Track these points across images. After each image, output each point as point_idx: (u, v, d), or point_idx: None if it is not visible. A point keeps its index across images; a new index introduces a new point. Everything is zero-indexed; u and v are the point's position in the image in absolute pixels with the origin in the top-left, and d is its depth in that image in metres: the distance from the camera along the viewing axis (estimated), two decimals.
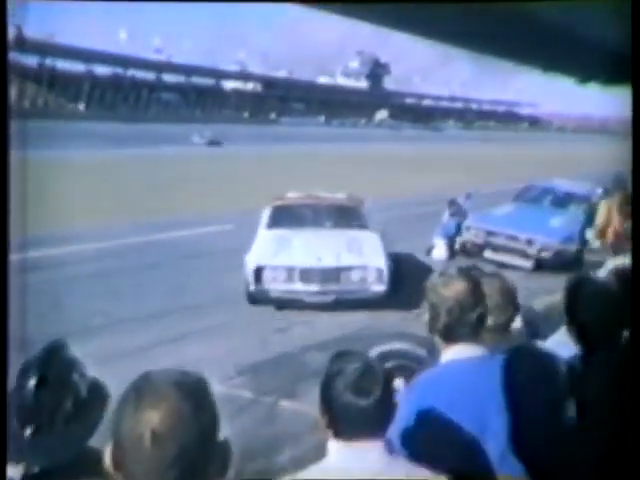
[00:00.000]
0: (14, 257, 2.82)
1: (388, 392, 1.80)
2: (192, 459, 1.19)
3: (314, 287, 7.95)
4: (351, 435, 1.78)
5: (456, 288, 2.16)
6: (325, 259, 8.00)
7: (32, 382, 1.59)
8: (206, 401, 1.24)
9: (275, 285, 7.97)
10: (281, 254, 8.15)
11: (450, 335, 2.16)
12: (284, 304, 7.99)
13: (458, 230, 11.30)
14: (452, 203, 11.86)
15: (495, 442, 2.03)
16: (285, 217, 9.36)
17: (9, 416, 1.59)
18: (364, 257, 8.09)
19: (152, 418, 1.18)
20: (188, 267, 9.63)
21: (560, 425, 2.07)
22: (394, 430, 1.98)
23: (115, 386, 1.29)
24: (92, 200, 14.88)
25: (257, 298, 8.00)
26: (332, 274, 7.95)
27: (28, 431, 1.58)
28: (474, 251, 10.90)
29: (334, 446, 1.80)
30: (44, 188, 15.29)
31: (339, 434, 1.79)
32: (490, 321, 2.34)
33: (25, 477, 1.57)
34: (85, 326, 5.47)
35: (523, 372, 2.17)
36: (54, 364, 1.65)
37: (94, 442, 1.66)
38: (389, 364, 4.73)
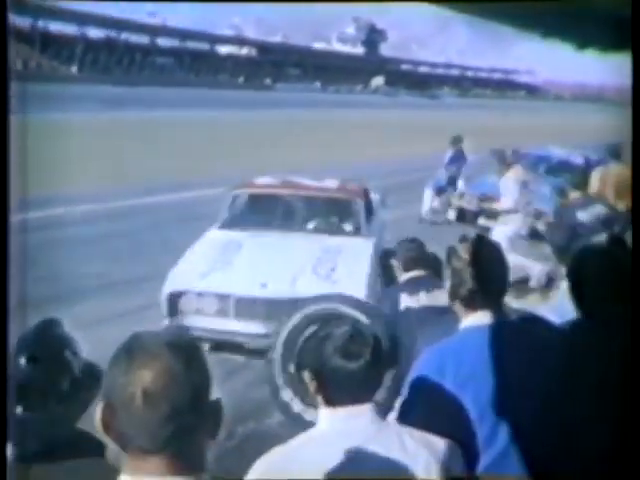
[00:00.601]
0: (15, 218, 2.81)
1: (378, 355, 1.77)
2: (184, 418, 1.18)
3: (254, 327, 5.44)
4: (340, 400, 1.76)
5: (478, 252, 2.11)
6: (272, 285, 5.40)
7: (23, 360, 1.57)
8: (198, 361, 1.24)
9: (200, 320, 5.52)
10: (214, 274, 5.65)
11: (473, 301, 2.10)
12: (218, 346, 5.59)
13: (452, 183, 11.27)
14: (456, 140, 11.82)
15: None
16: (248, 212, 7.06)
17: (9, 393, 1.57)
18: (335, 284, 5.36)
19: (144, 377, 1.18)
20: (186, 229, 9.59)
21: (555, 398, 2.05)
22: (405, 393, 1.98)
23: (108, 348, 1.28)
24: (88, 162, 14.80)
25: None
26: (282, 308, 5.14)
27: (19, 409, 1.56)
28: (469, 218, 10.91)
29: (323, 412, 1.78)
30: (41, 150, 15.20)
31: (328, 399, 1.77)
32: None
33: (18, 457, 1.56)
34: (81, 287, 5.44)
35: (521, 342, 2.11)
36: (46, 342, 1.63)
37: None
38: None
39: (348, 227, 6.93)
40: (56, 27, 67.06)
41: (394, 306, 3.70)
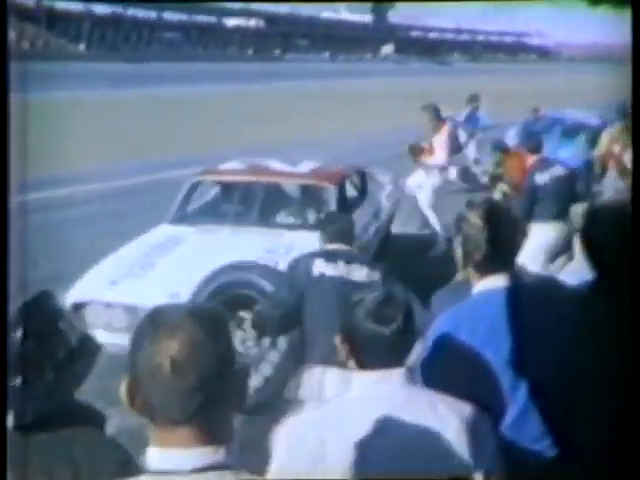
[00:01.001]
0: (15, 199, 2.77)
1: (410, 320, 1.79)
2: (211, 388, 1.18)
3: None
4: (372, 364, 1.76)
5: (490, 217, 2.09)
6: (186, 295, 4.71)
7: (18, 332, 1.57)
8: (222, 329, 1.25)
9: (110, 337, 4.63)
10: (126, 281, 4.98)
11: (487, 266, 2.09)
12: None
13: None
14: (472, 99, 11.70)
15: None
16: (204, 203, 6.53)
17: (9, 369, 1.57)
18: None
19: (170, 347, 1.17)
20: None
21: (572, 357, 2.01)
22: (421, 360, 1.98)
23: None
24: (96, 140, 14.76)
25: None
26: None
27: (17, 380, 1.56)
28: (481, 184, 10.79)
29: (356, 376, 1.79)
30: (46, 129, 15.14)
31: (360, 363, 1.78)
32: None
33: (17, 426, 1.56)
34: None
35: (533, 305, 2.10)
36: (41, 313, 1.62)
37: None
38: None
39: (310, 218, 6.21)
40: (62, 5, 66.68)
41: (308, 272, 3.71)
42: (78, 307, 4.83)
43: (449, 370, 1.96)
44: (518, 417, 1.96)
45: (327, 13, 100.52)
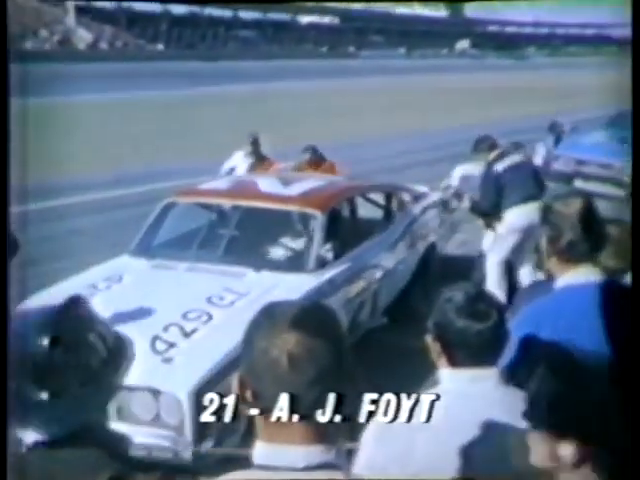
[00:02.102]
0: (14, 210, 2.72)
1: (503, 317, 1.75)
2: (328, 382, 1.16)
3: None
4: (466, 362, 1.74)
5: (576, 205, 2.08)
6: None
7: (46, 341, 1.45)
8: (336, 325, 1.25)
9: None
10: None
11: (571, 255, 2.06)
12: None
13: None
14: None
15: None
16: (172, 231, 5.66)
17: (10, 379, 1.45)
18: (166, 364, 3.84)
19: (287, 341, 1.16)
20: None
21: None
22: (505, 359, 1.91)
23: None
24: (174, 139, 15.01)
25: None
26: None
27: (44, 395, 1.45)
28: (563, 180, 10.48)
29: (447, 374, 1.77)
30: (125, 128, 15.48)
31: (453, 361, 1.75)
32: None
33: (38, 443, 1.45)
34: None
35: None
36: (70, 322, 1.51)
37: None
38: None
39: (294, 254, 5.27)
40: (140, 5, 68.21)
41: None
42: None
43: (531, 369, 1.90)
44: None
45: (402, 8, 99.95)
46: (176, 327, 4.06)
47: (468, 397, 1.71)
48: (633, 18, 2.43)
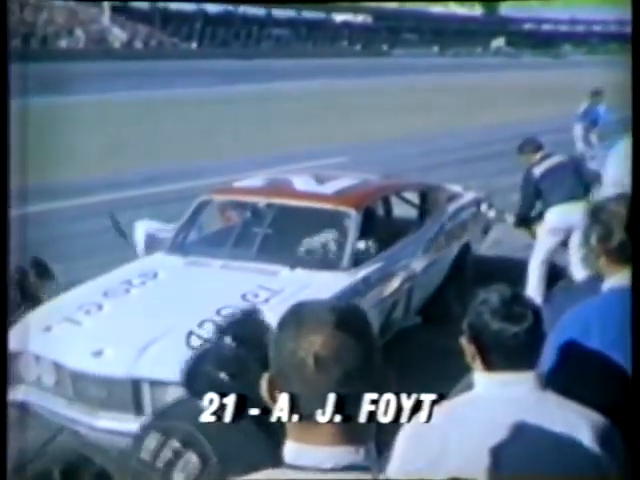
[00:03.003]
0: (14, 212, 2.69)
1: (539, 319, 1.72)
2: (355, 384, 1.16)
3: (91, 417, 3.90)
4: (500, 365, 1.72)
5: (626, 203, 2.04)
6: (110, 354, 3.94)
7: (229, 339, 1.72)
8: (365, 326, 1.23)
9: (40, 397, 4.06)
10: (61, 326, 4.23)
11: (621, 255, 2.01)
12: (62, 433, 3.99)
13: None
14: (595, 94, 11.17)
15: None
16: (207, 229, 5.81)
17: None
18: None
19: (314, 342, 1.16)
20: None
21: None
22: (545, 362, 1.89)
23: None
24: (208, 138, 15.08)
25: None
26: (125, 392, 3.82)
27: (224, 375, 1.71)
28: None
29: (482, 377, 1.75)
30: (159, 126, 15.60)
31: (488, 364, 1.73)
32: None
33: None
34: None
35: None
36: (249, 325, 1.76)
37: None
38: None
39: (329, 252, 5.25)
40: (175, 5, 68.74)
41: None
42: (12, 359, 3.87)
43: (578, 373, 1.88)
44: None
45: (436, 7, 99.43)
46: (211, 323, 4.06)
47: (503, 401, 1.69)
48: (633, 17, 2.39)
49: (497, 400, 1.70)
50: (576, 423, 1.68)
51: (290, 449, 1.20)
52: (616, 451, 1.70)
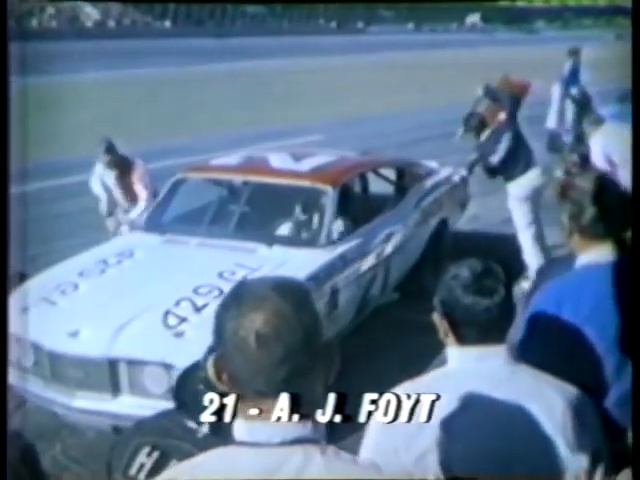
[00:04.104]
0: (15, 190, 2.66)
1: (510, 292, 1.73)
2: (298, 359, 1.17)
3: (68, 397, 3.89)
4: (473, 339, 1.72)
5: (594, 180, 2.05)
6: (87, 334, 3.93)
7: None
8: (306, 302, 1.23)
9: (16, 378, 3.98)
10: (38, 308, 4.21)
11: (594, 231, 2.02)
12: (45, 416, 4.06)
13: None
14: (572, 52, 11.14)
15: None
16: (183, 206, 5.72)
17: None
18: (178, 339, 3.86)
19: (255, 320, 1.17)
20: None
21: None
22: (519, 336, 1.93)
23: None
24: (183, 117, 14.95)
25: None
26: (102, 371, 3.81)
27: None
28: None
29: (455, 351, 1.75)
30: (133, 106, 15.43)
31: (461, 338, 1.73)
32: None
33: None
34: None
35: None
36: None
37: None
38: None
39: (306, 229, 5.21)
40: None
41: None
42: None
43: (549, 347, 1.89)
44: (622, 398, 1.90)
45: None
46: (188, 302, 4.08)
47: (476, 375, 1.70)
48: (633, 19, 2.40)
49: (471, 374, 1.70)
50: (550, 396, 1.69)
51: (239, 426, 1.22)
52: (589, 423, 1.72)
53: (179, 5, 67.70)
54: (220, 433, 1.26)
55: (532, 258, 6.24)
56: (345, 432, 1.61)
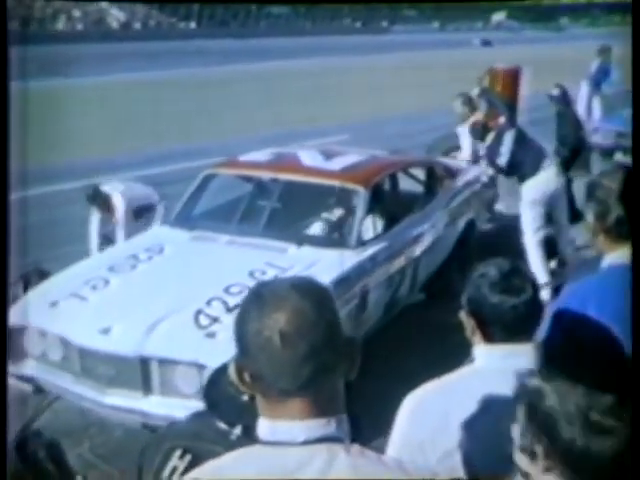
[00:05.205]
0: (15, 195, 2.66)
1: (537, 292, 1.75)
2: (322, 356, 1.18)
3: (99, 394, 3.91)
4: (501, 337, 1.73)
5: (625, 182, 2.03)
6: (118, 331, 3.94)
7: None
8: (326, 299, 1.26)
9: (45, 372, 4.12)
10: (68, 302, 4.22)
11: (620, 231, 2.01)
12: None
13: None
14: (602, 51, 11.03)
15: None
16: (212, 203, 5.71)
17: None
18: (210, 339, 3.86)
19: (278, 319, 1.19)
20: None
21: None
22: (543, 334, 1.91)
23: None
24: (207, 118, 15.00)
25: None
26: (133, 369, 3.82)
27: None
28: (604, 154, 10.29)
29: (482, 350, 1.77)
30: (158, 107, 15.49)
31: (488, 337, 1.75)
32: None
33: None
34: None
35: None
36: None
37: None
38: None
39: (336, 229, 5.19)
40: None
41: None
42: (16, 333, 3.98)
43: (573, 346, 1.88)
44: None
45: None
46: (219, 302, 4.08)
47: (503, 373, 1.68)
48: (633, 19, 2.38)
49: (497, 372, 1.70)
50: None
51: (263, 426, 1.23)
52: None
53: (203, 6, 68.02)
54: (253, 435, 1.27)
55: (535, 266, 6.07)
56: (372, 432, 1.61)
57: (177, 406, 3.51)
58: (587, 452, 1.23)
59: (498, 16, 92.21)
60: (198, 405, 3.57)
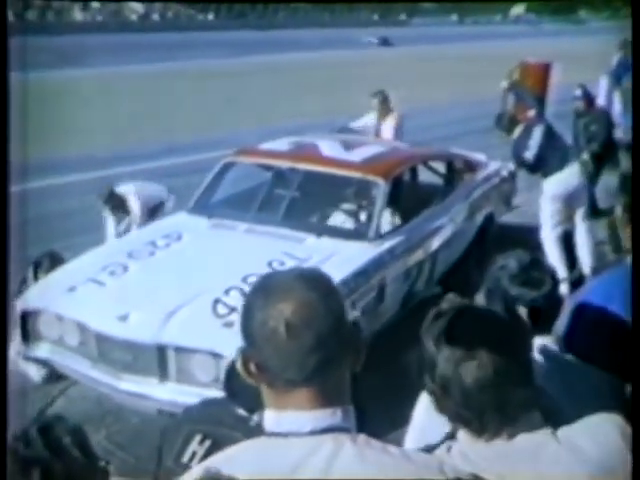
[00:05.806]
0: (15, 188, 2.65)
1: (557, 285, 1.74)
2: (328, 347, 1.17)
3: (115, 379, 3.93)
4: None
5: None
6: (136, 319, 3.93)
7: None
8: (332, 290, 1.25)
9: (61, 356, 4.14)
10: (86, 287, 4.22)
11: None
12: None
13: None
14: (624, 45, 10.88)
15: None
16: (231, 190, 5.66)
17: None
18: (227, 329, 3.79)
19: (283, 310, 1.18)
20: None
21: None
22: (565, 327, 1.86)
23: None
24: (226, 109, 15.01)
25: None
26: (150, 357, 3.82)
27: None
28: (625, 149, 10.16)
29: None
30: (177, 98, 15.53)
31: None
32: None
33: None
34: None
35: None
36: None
37: None
38: None
39: (355, 220, 5.12)
40: None
41: None
42: (30, 316, 4.09)
43: (596, 340, 1.83)
44: None
45: None
46: (237, 291, 4.04)
47: None
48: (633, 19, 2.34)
49: None
50: (598, 386, 1.66)
51: (269, 417, 1.23)
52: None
53: None
54: None
55: (552, 261, 6.03)
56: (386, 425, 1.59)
57: (192, 394, 3.50)
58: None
59: (517, 9, 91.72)
60: (214, 393, 3.48)
